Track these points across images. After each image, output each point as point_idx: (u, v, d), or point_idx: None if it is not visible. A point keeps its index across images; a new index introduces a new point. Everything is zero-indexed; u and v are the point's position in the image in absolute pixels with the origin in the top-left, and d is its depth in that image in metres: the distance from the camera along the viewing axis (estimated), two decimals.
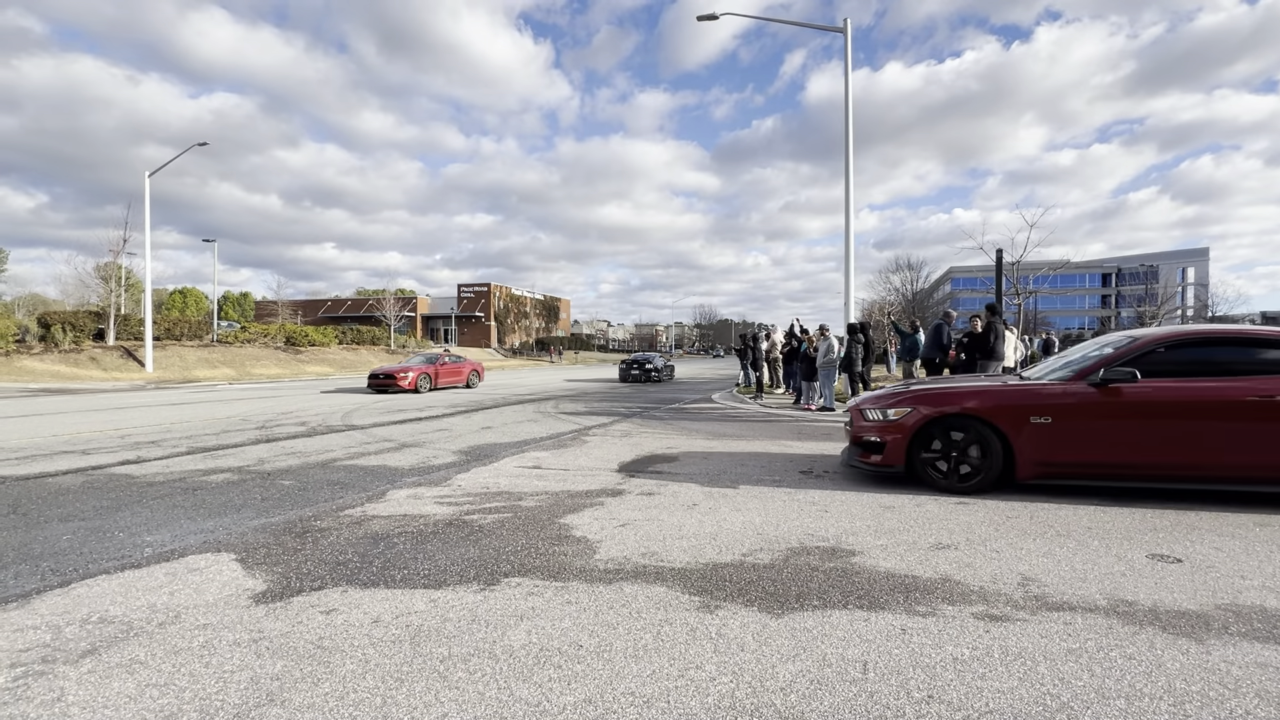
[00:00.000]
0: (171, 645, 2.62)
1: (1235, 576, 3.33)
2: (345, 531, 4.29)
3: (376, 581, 3.35)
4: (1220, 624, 2.75)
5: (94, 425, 10.31)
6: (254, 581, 3.36)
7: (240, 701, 2.20)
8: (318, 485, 5.81)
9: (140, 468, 6.67)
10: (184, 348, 31.77)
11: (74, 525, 4.47)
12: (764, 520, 4.52)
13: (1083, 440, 4.97)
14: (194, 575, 3.46)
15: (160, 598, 3.14)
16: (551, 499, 5.24)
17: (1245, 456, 4.70)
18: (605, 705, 2.16)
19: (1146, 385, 4.92)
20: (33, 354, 26.60)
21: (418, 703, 2.19)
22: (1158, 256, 76.87)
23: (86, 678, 2.37)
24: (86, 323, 30.65)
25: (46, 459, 7.19)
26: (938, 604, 2.99)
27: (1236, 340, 5.06)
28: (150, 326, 28.09)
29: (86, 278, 35.49)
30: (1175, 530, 4.18)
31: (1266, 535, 4.06)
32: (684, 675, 2.35)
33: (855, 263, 15.01)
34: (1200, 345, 5.08)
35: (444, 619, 2.87)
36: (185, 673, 2.40)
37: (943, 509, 4.79)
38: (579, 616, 2.88)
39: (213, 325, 41.06)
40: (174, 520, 4.59)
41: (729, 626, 2.76)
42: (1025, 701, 2.16)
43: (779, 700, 2.18)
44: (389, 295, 53.16)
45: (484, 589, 3.23)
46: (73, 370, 25.72)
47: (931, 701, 2.16)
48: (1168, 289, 44.36)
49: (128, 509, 4.93)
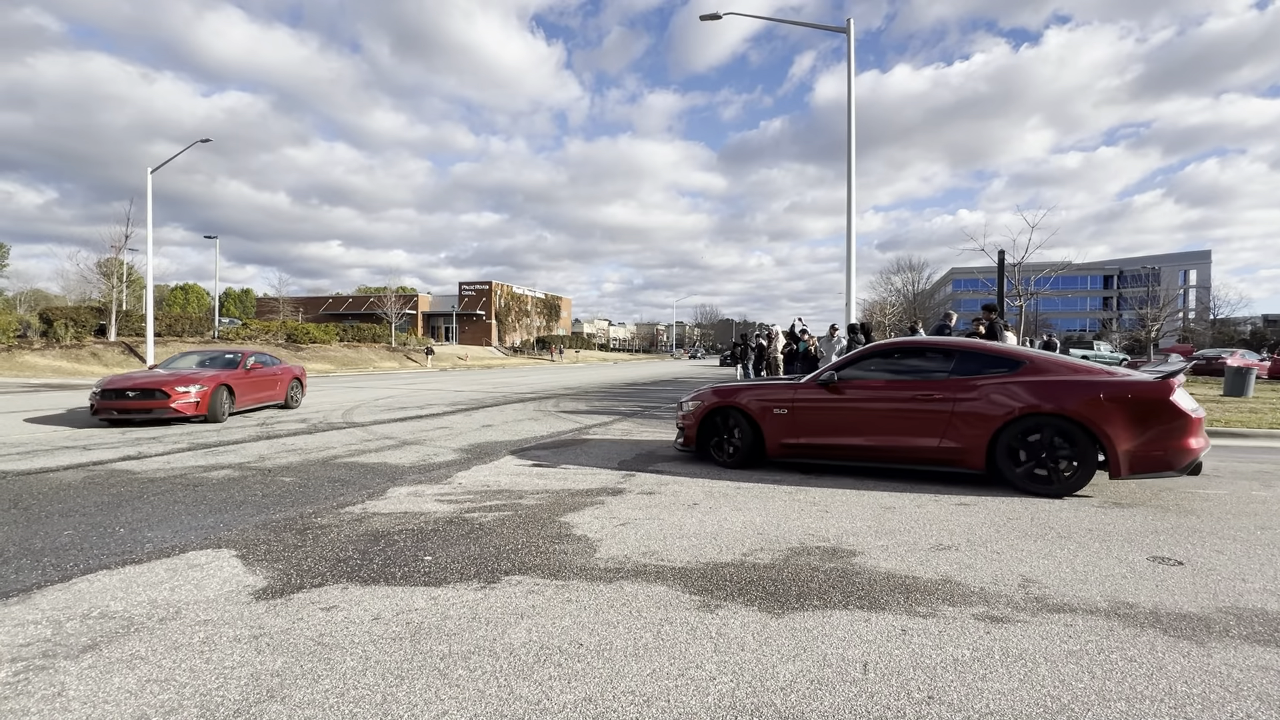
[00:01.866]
0: (172, 641, 2.62)
1: (1236, 579, 3.32)
2: (346, 529, 4.29)
3: (377, 579, 3.36)
4: (1221, 627, 2.75)
5: (95, 420, 10.31)
6: (255, 578, 3.36)
7: (241, 698, 2.20)
8: (318, 482, 5.82)
9: (141, 464, 6.68)
10: (185, 344, 31.79)
11: (75, 520, 4.47)
12: (764, 520, 4.52)
13: (808, 426, 6.24)
14: (195, 571, 3.46)
15: (161, 593, 3.14)
16: (552, 497, 5.23)
17: (912, 441, 5.75)
18: (605, 704, 2.16)
19: (853, 385, 6.12)
20: (34, 349, 26.63)
21: (418, 700, 2.19)
22: (1160, 259, 76.77)
23: (87, 673, 2.37)
24: (88, 318, 30.68)
25: (48, 454, 7.20)
26: (938, 605, 2.98)
27: (917, 350, 6.23)
28: (151, 323, 28.08)
29: (88, 273, 35.50)
30: (1176, 533, 4.17)
31: (1268, 539, 4.06)
32: (684, 674, 2.35)
33: (858, 264, 15.00)
34: (896, 354, 6.27)
35: (444, 616, 2.87)
36: (186, 668, 2.40)
37: (943, 510, 4.79)
38: (579, 615, 2.88)
39: (214, 322, 41.09)
40: (175, 516, 4.60)
41: (729, 626, 2.76)
42: (1026, 703, 2.15)
43: (779, 700, 2.18)
44: (390, 293, 53.15)
45: (484, 587, 3.23)
46: (74, 366, 25.74)
47: (932, 702, 2.16)
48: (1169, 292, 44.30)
49: (129, 505, 4.94)
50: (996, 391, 5.40)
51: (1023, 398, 5.29)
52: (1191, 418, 4.99)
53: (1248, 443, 8.45)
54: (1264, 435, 8.74)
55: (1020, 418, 5.26)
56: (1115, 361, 30.61)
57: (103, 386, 10.01)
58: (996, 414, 5.34)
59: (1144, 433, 4.97)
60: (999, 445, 5.35)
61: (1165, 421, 4.96)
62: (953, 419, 5.52)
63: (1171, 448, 4.95)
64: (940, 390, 5.64)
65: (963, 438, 5.47)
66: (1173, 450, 4.95)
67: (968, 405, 5.48)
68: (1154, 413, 4.98)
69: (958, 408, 5.51)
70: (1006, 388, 5.39)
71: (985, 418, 5.38)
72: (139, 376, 10.49)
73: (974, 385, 5.53)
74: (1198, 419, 5.06)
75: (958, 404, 5.52)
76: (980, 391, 5.47)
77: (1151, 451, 4.96)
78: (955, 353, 5.92)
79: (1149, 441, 4.96)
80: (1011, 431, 5.30)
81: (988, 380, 5.51)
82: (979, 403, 5.44)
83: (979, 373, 5.63)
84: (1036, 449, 5.26)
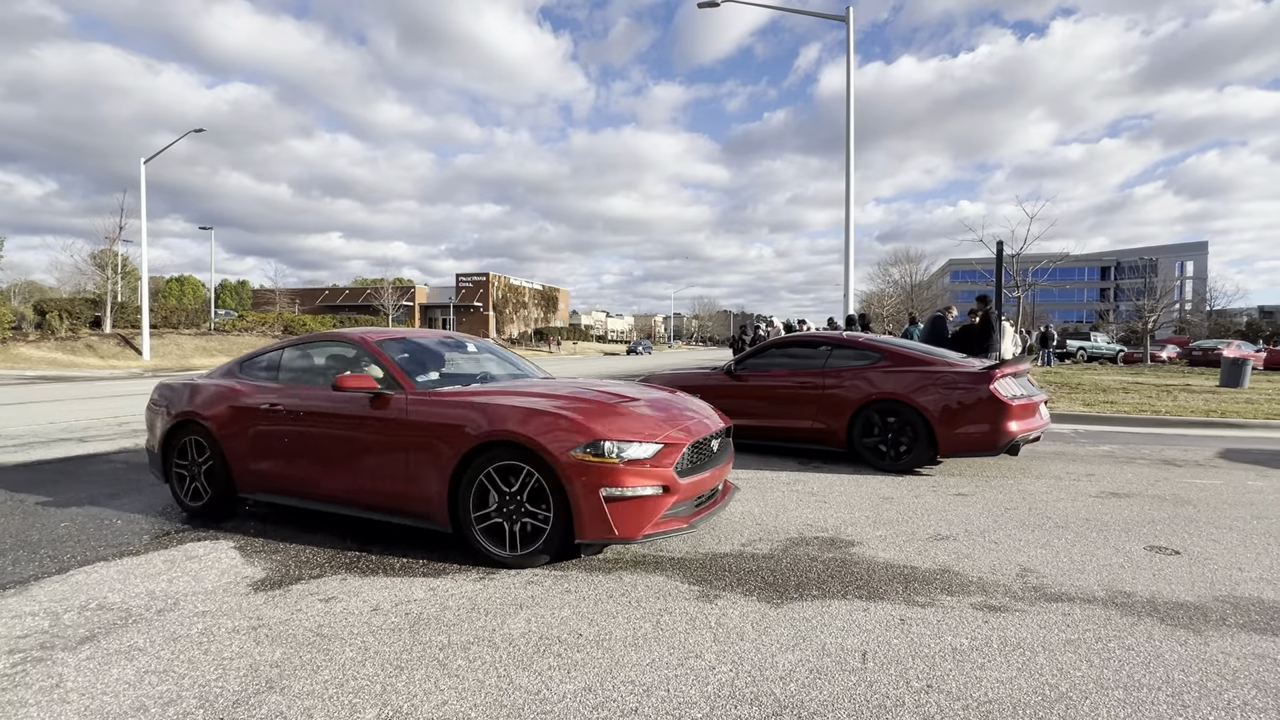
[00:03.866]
0: (170, 632, 2.62)
1: (1233, 568, 3.34)
2: (343, 520, 4.28)
3: (376, 570, 3.35)
4: (1218, 615, 2.76)
5: (91, 412, 10.28)
6: (253, 569, 3.36)
7: (240, 688, 2.20)
8: None
9: (138, 455, 6.65)
10: (181, 336, 31.68)
11: (72, 512, 4.45)
12: (763, 510, 4.52)
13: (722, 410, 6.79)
14: (193, 563, 3.45)
15: (159, 585, 3.13)
16: None
17: (793, 423, 6.52)
18: (605, 693, 2.16)
19: (753, 374, 6.91)
20: (29, 341, 26.50)
21: (417, 690, 2.19)
22: (1157, 250, 76.79)
23: (85, 664, 2.36)
24: (83, 310, 30.54)
25: (44, 446, 7.17)
26: (936, 594, 2.99)
27: (804, 343, 7.06)
28: (147, 314, 27.97)
29: (83, 265, 35.30)
30: (1173, 523, 4.19)
31: (1264, 528, 4.07)
32: (683, 664, 2.36)
33: (858, 255, 14.99)
34: (790, 346, 7.06)
35: (443, 607, 2.86)
36: (184, 659, 2.39)
37: (941, 500, 4.80)
38: (578, 605, 2.89)
39: (210, 313, 40.94)
40: (172, 508, 4.58)
41: (728, 616, 2.77)
42: (1024, 691, 2.16)
43: (778, 689, 2.18)
44: (387, 284, 52.95)
45: (483, 577, 3.23)
46: (69, 358, 25.64)
47: (930, 691, 2.16)
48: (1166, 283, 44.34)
49: (126, 496, 4.92)
50: (855, 379, 6.22)
51: (874, 385, 6.08)
52: (1010, 405, 5.58)
53: (1243, 433, 8.49)
54: (1259, 425, 8.78)
55: (871, 402, 6.04)
56: (1114, 353, 30.71)
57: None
58: (853, 398, 6.14)
59: (965, 417, 5.63)
60: (855, 426, 6.11)
61: (984, 408, 5.59)
62: (822, 402, 6.33)
63: (989, 431, 5.56)
64: (815, 378, 6.48)
65: (828, 419, 6.26)
66: (990, 433, 5.56)
67: (834, 391, 6.30)
68: (975, 400, 5.62)
69: (826, 393, 6.34)
70: (864, 376, 6.20)
71: (846, 401, 6.18)
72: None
73: (840, 374, 6.36)
74: (1018, 405, 5.64)
75: (826, 390, 6.35)
76: (843, 379, 6.29)
77: (970, 434, 5.62)
78: (830, 346, 6.71)
79: (968, 424, 5.62)
80: (865, 414, 6.07)
81: (850, 370, 6.33)
82: (841, 389, 6.25)
83: (846, 364, 6.43)
84: (884, 430, 5.99)
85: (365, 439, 3.73)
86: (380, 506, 3.70)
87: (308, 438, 3.95)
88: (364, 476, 3.73)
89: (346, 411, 3.82)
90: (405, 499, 3.58)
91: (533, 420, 3.31)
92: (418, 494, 3.53)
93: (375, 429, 3.70)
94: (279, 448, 4.05)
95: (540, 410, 3.36)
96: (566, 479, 3.16)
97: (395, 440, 3.61)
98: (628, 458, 3.22)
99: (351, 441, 3.78)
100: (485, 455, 3.35)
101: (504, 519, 3.34)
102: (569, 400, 3.54)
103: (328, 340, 4.59)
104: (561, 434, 3.22)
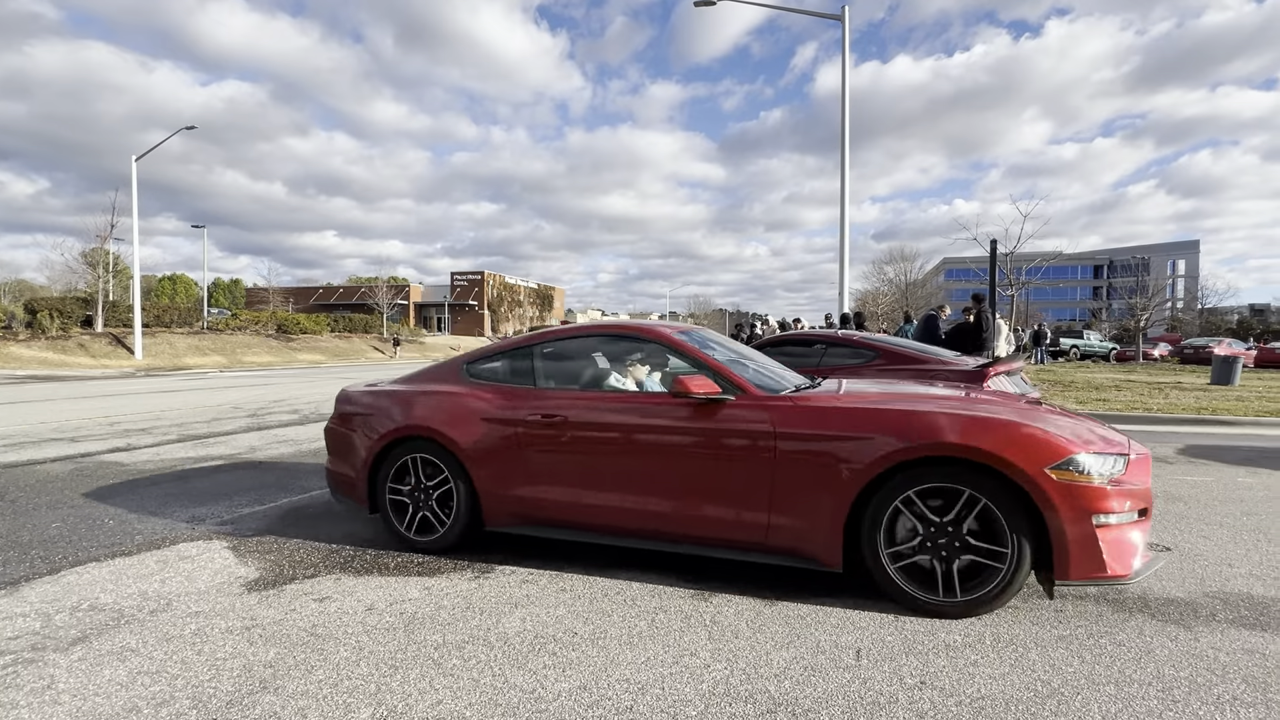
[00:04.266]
0: (163, 633, 2.61)
1: (1223, 564, 3.37)
2: (337, 519, 4.27)
3: (370, 569, 3.34)
4: (1208, 611, 2.78)
5: (83, 412, 10.21)
6: (246, 569, 3.34)
7: (233, 689, 2.19)
8: (310, 473, 5.78)
9: (130, 455, 6.62)
10: (174, 335, 31.49)
11: (63, 513, 4.42)
12: None
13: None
14: (185, 563, 3.43)
15: (152, 585, 3.12)
16: None
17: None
18: (599, 691, 2.17)
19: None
20: (19, 340, 26.29)
21: (412, 689, 2.18)
22: (1149, 249, 77.29)
23: (77, 665, 2.35)
24: (74, 309, 30.29)
25: (35, 446, 7.12)
26: None
27: (798, 341, 7.27)
28: (139, 313, 27.77)
29: (74, 264, 34.95)
30: (1164, 519, 4.22)
31: (1253, 524, 4.11)
32: (678, 662, 2.36)
33: (853, 254, 15.03)
34: (784, 344, 7.11)
35: (438, 606, 2.86)
36: (177, 660, 2.38)
37: None
38: (574, 604, 2.89)
39: (203, 312, 40.69)
40: (165, 508, 4.56)
41: (723, 614, 2.77)
42: (1016, 687, 2.18)
43: (773, 686, 2.19)
44: (381, 283, 52.76)
45: (478, 577, 3.23)
46: (60, 357, 25.45)
47: (924, 688, 2.18)
48: (1158, 281, 44.62)
49: (118, 496, 4.89)
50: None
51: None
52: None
53: (1234, 430, 8.55)
54: (1250, 423, 8.85)
55: None
56: (1106, 351, 30.91)
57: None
58: None
59: None
60: None
61: None
62: None
63: None
64: (809, 376, 6.49)
65: None
66: None
67: None
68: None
69: None
70: (859, 374, 6.19)
71: None
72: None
73: (834, 372, 6.59)
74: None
75: None
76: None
77: None
78: (825, 344, 6.78)
79: None
80: None
81: (845, 368, 6.31)
82: None
83: (840, 362, 6.46)
84: None
85: (708, 457, 3.08)
86: (725, 540, 3.07)
87: (616, 456, 3.27)
88: (704, 504, 3.08)
89: (677, 423, 3.15)
90: (772, 531, 2.95)
91: (989, 431, 2.68)
92: (791, 525, 2.91)
93: (721, 444, 3.05)
94: (561, 469, 3.37)
95: (986, 418, 2.76)
96: (1047, 503, 2.55)
97: (755, 458, 2.99)
98: (1109, 474, 2.65)
99: (688, 460, 3.12)
100: (904, 475, 2.74)
101: (931, 555, 2.73)
102: (983, 404, 3.03)
103: (604, 335, 3.89)
104: (1031, 447, 2.62)
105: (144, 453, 6.79)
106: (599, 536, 3.34)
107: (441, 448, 3.57)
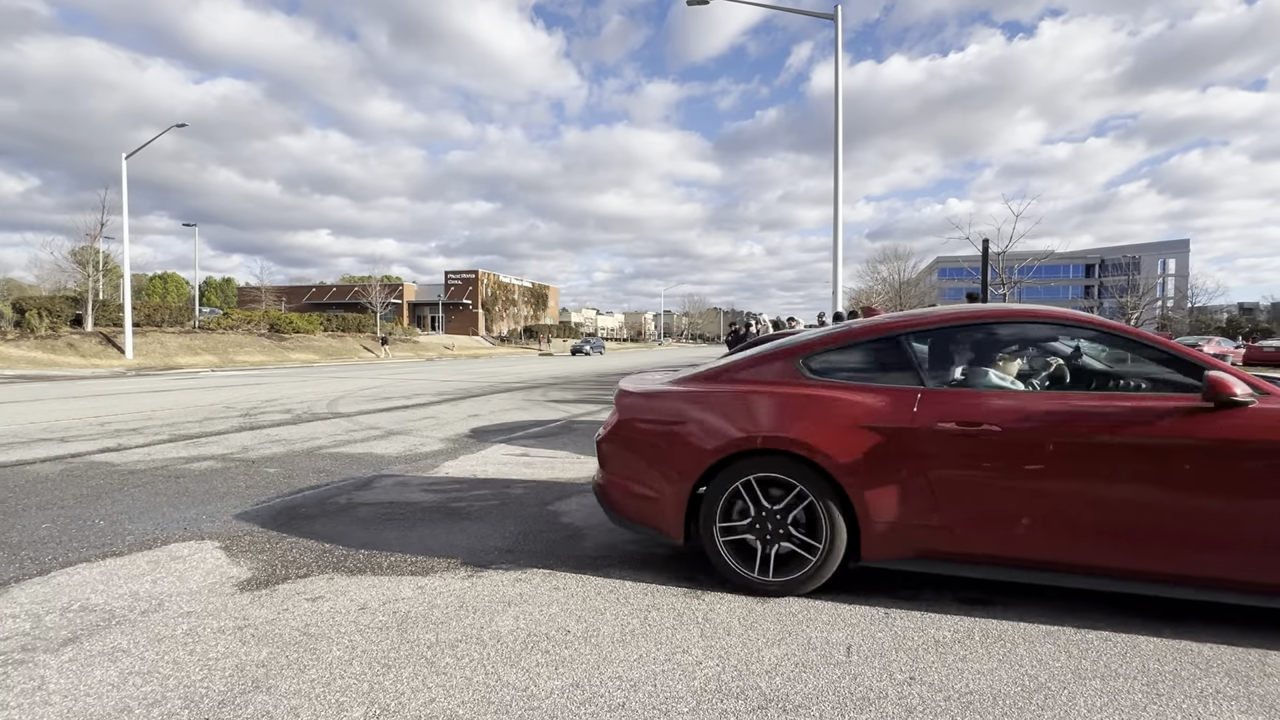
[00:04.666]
0: (155, 633, 2.60)
1: None
2: (331, 519, 4.27)
3: (363, 569, 3.34)
4: (1193, 605, 2.82)
5: (73, 412, 10.14)
6: (238, 569, 3.34)
7: (226, 689, 2.19)
8: (303, 473, 5.77)
9: (121, 455, 6.58)
10: (165, 334, 31.28)
11: (53, 513, 4.40)
12: None
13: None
14: (177, 563, 3.42)
15: (143, 586, 3.11)
16: (539, 486, 5.24)
17: None
18: (592, 689, 2.18)
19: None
20: (8, 340, 26.05)
21: (405, 688, 2.19)
22: (1140, 248, 77.88)
23: (68, 666, 2.34)
24: (64, 308, 30.04)
25: (24, 446, 7.07)
26: (920, 588, 3.03)
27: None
28: (129, 312, 27.58)
29: (63, 262, 34.71)
30: None
31: None
32: (671, 659, 2.38)
33: (847, 253, 15.09)
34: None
35: (431, 605, 2.87)
36: (169, 660, 2.38)
37: None
38: (566, 602, 2.90)
39: (195, 311, 40.43)
40: (156, 508, 4.54)
41: (715, 612, 2.79)
42: (1004, 682, 2.20)
43: (764, 683, 2.21)
44: (374, 282, 52.56)
45: (471, 575, 3.23)
46: (50, 357, 25.23)
47: (913, 683, 2.20)
48: (1148, 280, 45.02)
49: (108, 497, 4.87)
50: None
51: None
52: None
53: None
54: None
55: None
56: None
57: None
58: None
59: None
60: None
61: None
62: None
63: None
64: None
65: None
66: None
67: None
68: None
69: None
70: None
71: None
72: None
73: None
74: None
75: None
76: None
77: None
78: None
79: None
80: None
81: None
82: None
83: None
84: None
85: (1237, 476, 2.49)
86: (1245, 583, 2.50)
87: (1093, 477, 2.61)
88: (1226, 535, 2.49)
89: (1193, 434, 2.52)
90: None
91: None
92: None
93: (1250, 459, 2.46)
94: (993, 491, 2.71)
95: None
96: None
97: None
98: None
99: (1207, 480, 2.51)
100: None
101: None
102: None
103: (1006, 321, 3.11)
104: None
105: (135, 453, 6.75)
106: (1038, 575, 2.71)
107: (804, 464, 2.89)
